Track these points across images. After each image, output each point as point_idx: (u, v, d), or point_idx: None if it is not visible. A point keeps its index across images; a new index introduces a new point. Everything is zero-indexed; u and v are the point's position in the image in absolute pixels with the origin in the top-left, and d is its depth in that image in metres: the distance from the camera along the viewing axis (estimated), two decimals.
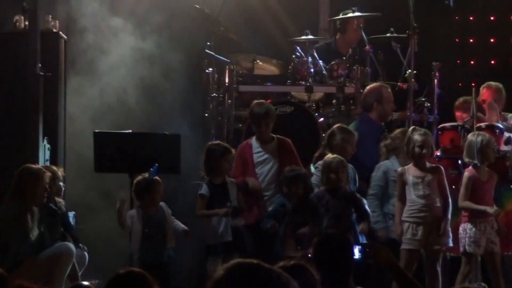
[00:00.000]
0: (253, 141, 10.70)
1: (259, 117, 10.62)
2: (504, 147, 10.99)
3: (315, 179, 10.33)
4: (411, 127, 10.24)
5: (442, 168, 9.99)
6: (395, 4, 13.14)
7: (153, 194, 9.87)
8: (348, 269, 6.20)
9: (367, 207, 9.90)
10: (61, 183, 10.58)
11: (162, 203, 10.09)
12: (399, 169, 9.90)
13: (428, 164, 9.80)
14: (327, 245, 6.28)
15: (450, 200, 9.79)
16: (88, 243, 10.69)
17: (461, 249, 9.82)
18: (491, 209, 9.54)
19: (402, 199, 9.73)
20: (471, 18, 15.26)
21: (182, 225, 9.96)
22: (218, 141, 10.98)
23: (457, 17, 14.97)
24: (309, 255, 7.57)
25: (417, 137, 9.70)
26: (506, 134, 11.54)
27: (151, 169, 10.03)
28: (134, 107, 12.63)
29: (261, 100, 11.29)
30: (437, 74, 12.28)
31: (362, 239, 9.60)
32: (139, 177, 9.74)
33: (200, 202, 9.66)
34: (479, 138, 10.13)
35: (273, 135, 10.65)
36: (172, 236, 9.96)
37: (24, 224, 9.28)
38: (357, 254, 8.15)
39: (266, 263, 3.17)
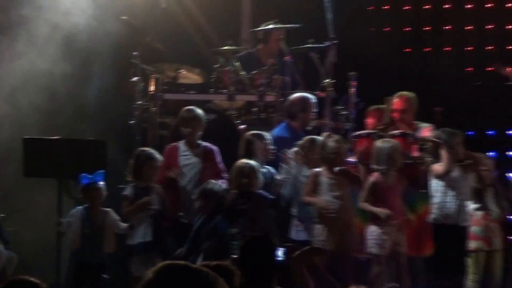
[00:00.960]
0: (181, 144, 11.14)
1: (188, 120, 11.07)
2: (416, 154, 11.36)
3: None
4: (326, 134, 10.78)
5: (350, 171, 10.64)
6: (314, 16, 13.30)
7: (91, 198, 10.11)
8: (271, 270, 6.53)
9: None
10: None
11: (110, 210, 10.33)
12: (314, 170, 10.24)
13: (338, 169, 10.24)
14: (251, 248, 6.65)
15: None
16: (17, 244, 10.81)
17: (367, 250, 10.29)
18: (383, 213, 9.93)
19: (311, 195, 10.25)
20: (386, 29, 15.66)
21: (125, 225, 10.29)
22: (145, 148, 11.14)
23: (373, 28, 15.46)
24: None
25: (331, 143, 10.18)
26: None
27: (88, 175, 10.34)
28: (60, 114, 12.56)
29: (191, 107, 11.65)
30: (353, 84, 12.46)
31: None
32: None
33: (124, 203, 10.00)
34: (387, 145, 10.57)
35: (201, 142, 11.08)
36: (111, 242, 10.19)
37: None
38: (281, 255, 8.65)
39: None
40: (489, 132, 14.71)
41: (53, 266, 11.00)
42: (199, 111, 11.58)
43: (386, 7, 15.78)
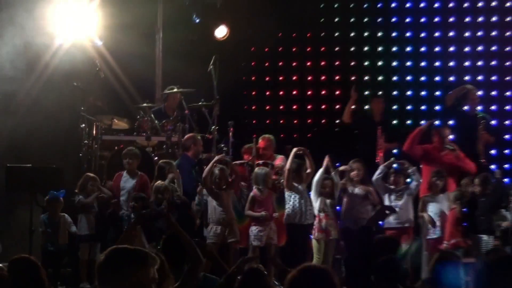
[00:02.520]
0: (124, 172, 14.37)
1: (126, 156, 14.30)
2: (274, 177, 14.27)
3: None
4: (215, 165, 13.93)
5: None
6: (205, 83, 16.06)
7: (53, 207, 13.37)
8: (183, 256, 8.45)
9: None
10: None
11: (66, 215, 13.57)
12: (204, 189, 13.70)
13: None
14: (170, 240, 8.86)
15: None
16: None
17: (250, 243, 13.25)
18: (260, 215, 13.13)
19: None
20: (253, 93, 18.78)
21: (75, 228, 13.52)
22: (89, 173, 14.36)
23: (245, 92, 18.60)
24: None
25: (216, 171, 13.26)
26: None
27: (54, 192, 13.40)
28: (30, 146, 15.21)
29: (130, 147, 14.89)
30: (231, 129, 15.38)
31: None
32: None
33: (77, 205, 13.63)
34: (263, 171, 13.63)
35: (138, 171, 14.43)
36: (64, 236, 13.40)
37: None
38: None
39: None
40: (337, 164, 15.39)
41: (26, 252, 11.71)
42: (135, 150, 14.75)
43: (253, 78, 18.61)
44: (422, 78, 19.08)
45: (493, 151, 17.08)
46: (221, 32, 17.31)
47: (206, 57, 16.05)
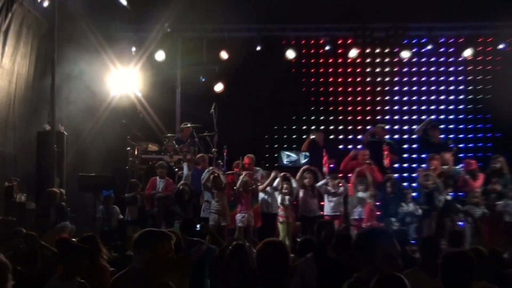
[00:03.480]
0: (158, 177, 16.17)
1: (159, 167, 16.28)
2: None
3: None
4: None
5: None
6: (208, 120, 17.91)
7: (107, 202, 15.54)
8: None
9: None
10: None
11: (116, 206, 15.67)
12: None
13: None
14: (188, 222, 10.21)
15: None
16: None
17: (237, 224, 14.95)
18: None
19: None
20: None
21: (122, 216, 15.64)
22: (133, 180, 16.57)
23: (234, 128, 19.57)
24: None
25: (211, 178, 14.97)
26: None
27: (107, 191, 15.52)
28: (93, 162, 17.12)
29: (160, 161, 16.67)
30: (226, 151, 17.52)
31: None
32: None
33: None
34: (245, 179, 15.45)
35: (166, 177, 16.38)
36: (115, 221, 15.58)
37: None
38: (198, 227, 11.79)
39: None
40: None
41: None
42: (165, 163, 16.70)
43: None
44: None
45: (396, 165, 18.95)
46: (218, 87, 19.33)
47: (209, 104, 18.11)
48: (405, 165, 20.09)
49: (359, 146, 19.69)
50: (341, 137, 20.68)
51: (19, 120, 15.85)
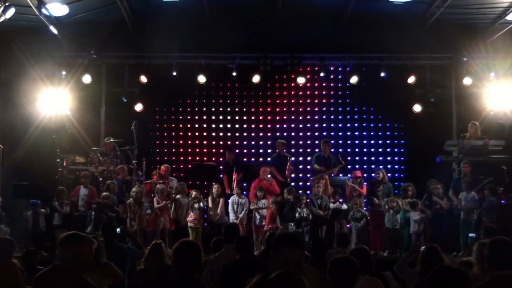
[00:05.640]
0: (82, 186, 16.14)
1: (82, 177, 16.28)
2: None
3: None
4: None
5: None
6: (129, 136, 17.44)
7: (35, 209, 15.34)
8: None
9: None
10: None
11: (43, 210, 15.26)
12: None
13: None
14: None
15: None
16: None
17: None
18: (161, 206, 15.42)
19: None
20: (157, 142, 20.25)
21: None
22: (60, 187, 16.20)
23: (152, 141, 19.91)
24: None
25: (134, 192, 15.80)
26: None
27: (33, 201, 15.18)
28: (26, 172, 16.67)
29: (85, 172, 16.55)
30: (144, 162, 17.12)
31: None
32: None
33: None
34: (161, 186, 15.85)
35: (89, 185, 16.31)
36: (43, 223, 15.22)
37: None
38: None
39: None
40: None
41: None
42: (89, 173, 16.66)
43: (157, 134, 20.28)
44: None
45: (293, 175, 19.11)
46: (138, 107, 18.97)
47: (130, 121, 17.75)
48: (300, 175, 20.30)
49: (261, 159, 20.08)
50: (245, 151, 20.77)
51: None
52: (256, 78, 19.24)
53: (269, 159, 19.38)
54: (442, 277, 4.58)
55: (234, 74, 19.40)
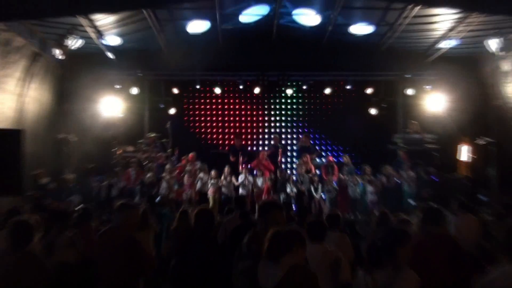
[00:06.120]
0: (131, 170, 15.98)
1: (133, 164, 16.05)
2: None
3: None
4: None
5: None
6: (165, 131, 17.23)
7: None
8: None
9: None
10: None
11: None
12: None
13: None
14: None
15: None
16: None
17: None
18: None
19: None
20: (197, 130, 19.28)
21: None
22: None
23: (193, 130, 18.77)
24: None
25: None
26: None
27: None
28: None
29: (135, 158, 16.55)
30: (177, 151, 16.87)
31: None
32: None
33: None
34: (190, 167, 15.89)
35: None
36: None
37: None
38: None
39: None
40: None
41: None
42: (137, 160, 16.35)
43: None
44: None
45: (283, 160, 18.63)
46: (172, 111, 18.77)
47: (166, 121, 17.71)
48: (288, 159, 20.11)
49: (260, 148, 19.88)
50: (249, 143, 20.55)
51: (43, 129, 15.57)
52: (257, 90, 19.01)
53: (266, 148, 19.34)
54: (389, 235, 4.58)
55: (241, 87, 19.17)
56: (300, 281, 4.24)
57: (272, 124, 20.58)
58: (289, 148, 20.10)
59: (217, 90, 19.08)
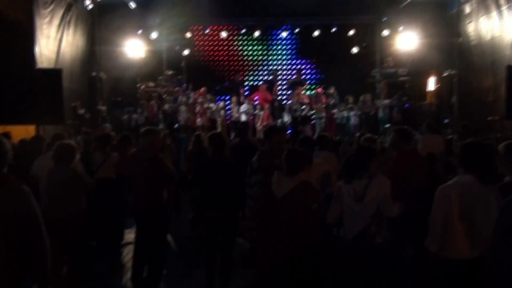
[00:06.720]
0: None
1: None
2: None
3: None
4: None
5: None
6: (180, 68, 17.80)
7: None
8: None
9: None
10: None
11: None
12: None
13: None
14: None
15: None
16: None
17: None
18: None
19: None
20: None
21: None
22: None
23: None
24: None
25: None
26: None
27: None
28: None
29: None
30: (191, 85, 17.64)
31: None
32: None
33: None
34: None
35: None
36: None
37: None
38: None
39: None
40: None
41: None
42: (157, 94, 16.37)
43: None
44: None
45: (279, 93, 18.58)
46: (186, 52, 18.27)
47: (181, 60, 18.03)
48: (284, 92, 19.54)
49: (260, 83, 19.29)
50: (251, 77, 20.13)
51: (78, 68, 15.30)
52: (256, 33, 18.70)
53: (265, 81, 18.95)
54: (361, 152, 4.69)
55: (243, 30, 19.01)
56: (306, 193, 4.40)
57: (269, 62, 20.20)
58: (284, 82, 19.75)
59: (223, 34, 18.79)
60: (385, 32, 17.80)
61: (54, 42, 13.24)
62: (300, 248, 4.35)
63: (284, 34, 18.85)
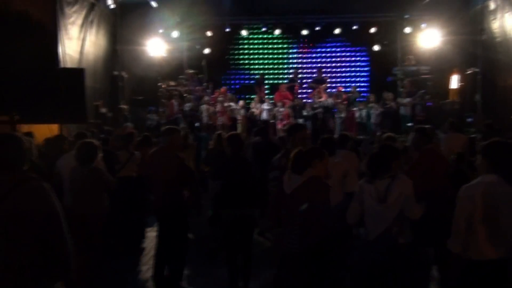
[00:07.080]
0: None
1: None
2: None
3: None
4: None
5: None
6: (200, 67, 17.62)
7: None
8: None
9: None
10: None
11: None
12: None
13: None
14: None
15: None
16: None
17: None
18: None
19: None
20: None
21: None
22: None
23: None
24: None
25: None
26: None
27: None
28: None
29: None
30: (212, 84, 17.45)
31: None
32: None
33: None
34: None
35: None
36: None
37: None
38: None
39: None
40: None
41: None
42: (177, 93, 16.32)
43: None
44: None
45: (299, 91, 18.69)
46: (207, 51, 18.30)
47: (202, 59, 17.84)
48: (304, 90, 19.40)
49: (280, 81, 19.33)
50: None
51: (100, 68, 15.34)
52: (277, 31, 18.73)
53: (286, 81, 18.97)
54: (383, 151, 4.66)
55: (263, 29, 18.99)
56: (314, 189, 4.38)
57: (290, 61, 20.18)
58: (304, 81, 19.65)
59: (244, 33, 18.79)
60: (407, 30, 17.67)
61: (78, 42, 13.35)
62: (310, 244, 4.34)
63: (304, 33, 18.81)
